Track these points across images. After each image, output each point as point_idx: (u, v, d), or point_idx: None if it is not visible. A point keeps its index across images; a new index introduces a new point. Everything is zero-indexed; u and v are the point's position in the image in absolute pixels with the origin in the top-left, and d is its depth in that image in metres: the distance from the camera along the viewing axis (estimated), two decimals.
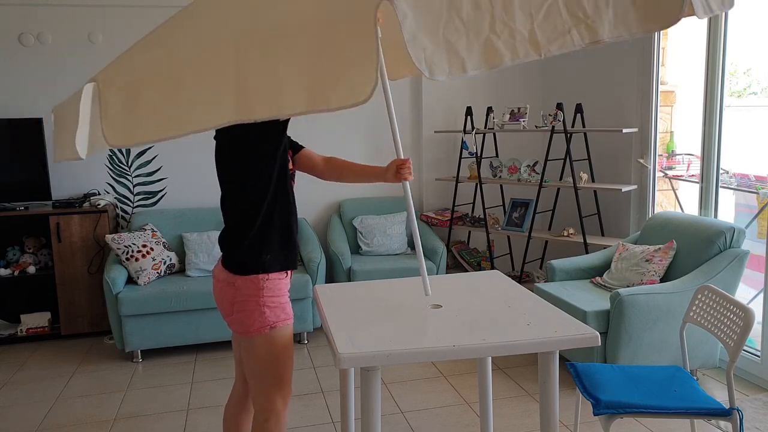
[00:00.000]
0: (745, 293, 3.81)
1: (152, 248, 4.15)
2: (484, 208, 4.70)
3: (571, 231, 4.36)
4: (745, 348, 3.45)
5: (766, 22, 3.76)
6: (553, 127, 4.22)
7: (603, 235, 4.49)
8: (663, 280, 3.47)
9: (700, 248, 3.37)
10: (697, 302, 2.50)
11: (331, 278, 4.57)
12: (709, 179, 3.73)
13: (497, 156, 4.98)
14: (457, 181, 4.81)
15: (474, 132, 4.67)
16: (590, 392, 2.28)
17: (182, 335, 3.98)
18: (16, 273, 4.27)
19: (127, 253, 4.03)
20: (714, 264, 3.28)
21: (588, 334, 1.87)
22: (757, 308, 2.86)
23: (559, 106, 4.21)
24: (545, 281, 4.02)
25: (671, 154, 4.56)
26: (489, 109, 4.76)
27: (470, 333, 1.89)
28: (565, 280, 3.79)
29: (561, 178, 4.62)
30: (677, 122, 4.56)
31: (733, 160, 4.03)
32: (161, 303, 3.88)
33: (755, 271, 3.73)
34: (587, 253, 4.08)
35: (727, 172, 4.10)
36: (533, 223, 4.50)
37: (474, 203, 5.02)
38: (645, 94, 4.13)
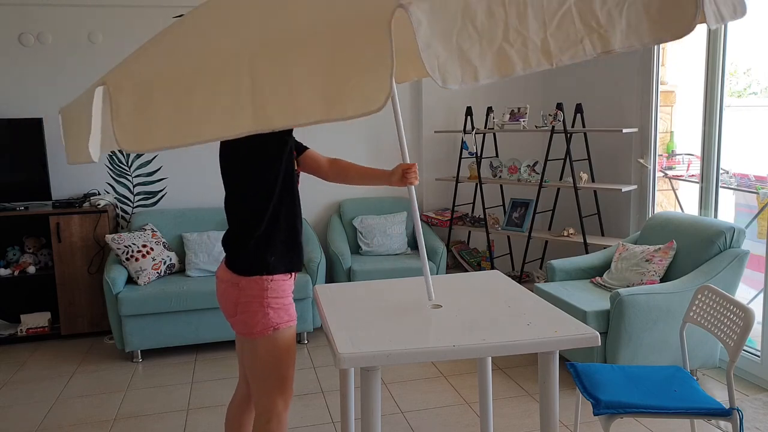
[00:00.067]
0: (745, 293, 3.82)
1: (152, 248, 4.15)
2: (484, 208, 4.70)
3: (571, 231, 4.36)
4: (745, 348, 3.45)
5: (766, 22, 3.75)
6: (553, 127, 4.22)
7: (603, 235, 4.49)
8: (663, 280, 3.47)
9: (700, 248, 3.37)
10: (697, 302, 2.50)
11: (331, 278, 4.57)
12: (709, 179, 3.73)
13: (497, 156, 4.98)
14: (457, 181, 4.81)
15: (474, 132, 4.67)
16: (590, 392, 2.28)
17: (182, 335, 3.98)
18: (16, 273, 4.27)
19: (127, 253, 4.03)
20: (714, 264, 3.28)
21: (588, 334, 1.87)
22: (757, 308, 2.85)
23: (559, 106, 4.21)
24: (545, 281, 4.02)
25: (671, 154, 4.56)
26: (489, 109, 4.76)
27: (470, 333, 1.89)
28: (565, 280, 3.79)
29: (561, 178, 4.62)
30: (677, 122, 4.56)
31: (733, 160, 4.03)
32: (161, 303, 3.88)
33: (755, 271, 3.73)
34: (587, 253, 4.08)
35: (727, 172, 4.10)
36: (533, 223, 4.50)
37: (474, 203, 5.02)
38: (645, 94, 4.13)
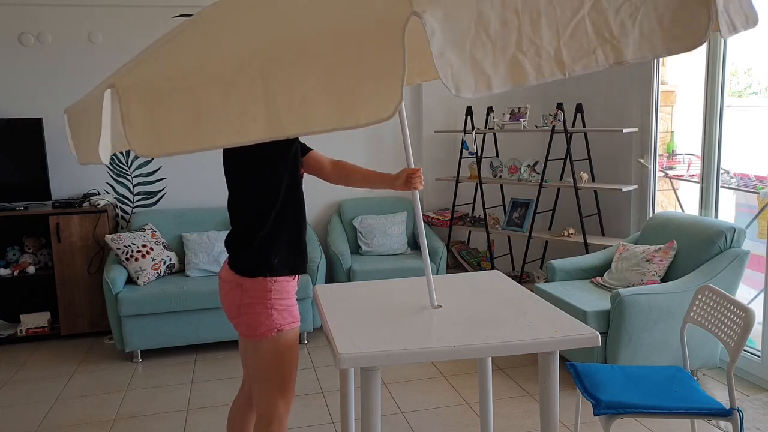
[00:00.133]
0: (745, 293, 3.81)
1: (152, 248, 4.15)
2: (485, 208, 4.70)
3: (572, 231, 4.36)
4: (746, 348, 3.45)
5: (766, 22, 3.75)
6: (554, 127, 4.22)
7: (603, 235, 4.49)
8: (663, 280, 3.47)
9: (700, 248, 3.37)
10: (697, 302, 2.50)
11: (331, 278, 4.57)
12: (709, 179, 3.73)
13: (497, 156, 4.98)
14: (458, 181, 4.81)
15: (474, 132, 4.66)
16: (590, 392, 2.28)
17: (182, 335, 3.98)
18: (15, 273, 4.26)
19: (127, 253, 4.03)
20: (714, 264, 3.28)
21: (588, 334, 1.87)
22: (757, 308, 2.85)
23: (560, 106, 4.21)
24: (545, 281, 4.02)
25: (671, 154, 4.56)
26: (489, 109, 4.76)
27: (470, 333, 1.89)
28: (565, 280, 3.78)
29: (561, 178, 4.62)
30: (678, 122, 4.56)
31: (733, 160, 4.02)
32: (161, 303, 3.88)
33: (755, 271, 3.73)
34: (587, 253, 4.08)
35: (728, 172, 4.10)
36: (533, 223, 4.50)
37: (474, 203, 5.01)
38: (645, 93, 4.13)
